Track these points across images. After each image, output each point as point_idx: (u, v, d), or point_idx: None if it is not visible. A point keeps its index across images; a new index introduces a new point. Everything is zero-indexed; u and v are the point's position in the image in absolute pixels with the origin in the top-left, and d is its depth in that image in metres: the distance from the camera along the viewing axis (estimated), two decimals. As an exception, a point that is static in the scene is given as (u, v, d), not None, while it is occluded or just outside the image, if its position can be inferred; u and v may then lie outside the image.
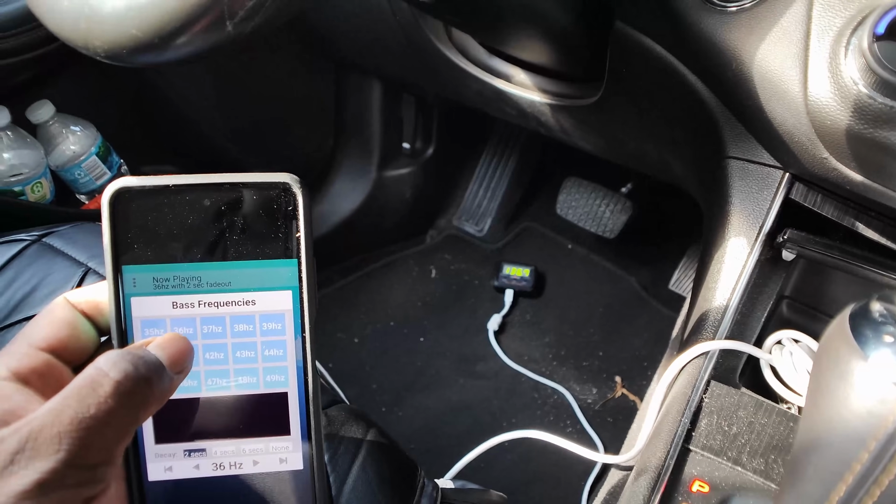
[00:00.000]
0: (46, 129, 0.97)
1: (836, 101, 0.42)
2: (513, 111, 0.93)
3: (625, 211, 1.20)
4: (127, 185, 0.30)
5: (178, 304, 0.31)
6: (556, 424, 1.11)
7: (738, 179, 0.57)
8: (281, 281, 0.31)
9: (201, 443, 0.32)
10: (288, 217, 0.31)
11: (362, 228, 1.36)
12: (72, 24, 0.39)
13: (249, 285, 0.31)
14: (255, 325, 0.31)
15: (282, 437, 0.32)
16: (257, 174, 0.30)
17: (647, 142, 0.78)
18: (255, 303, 0.31)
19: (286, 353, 0.32)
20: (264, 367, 0.32)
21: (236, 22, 0.33)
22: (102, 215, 0.30)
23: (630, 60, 0.64)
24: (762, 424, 0.49)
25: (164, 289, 0.31)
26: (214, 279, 0.31)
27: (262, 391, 0.32)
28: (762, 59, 0.46)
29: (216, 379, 0.32)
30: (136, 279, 0.30)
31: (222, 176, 0.30)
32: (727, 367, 0.56)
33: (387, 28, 0.95)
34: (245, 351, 0.31)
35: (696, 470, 0.47)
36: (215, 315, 0.31)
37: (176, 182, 0.30)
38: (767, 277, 0.58)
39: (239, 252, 0.31)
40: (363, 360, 1.20)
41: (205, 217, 0.30)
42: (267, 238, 0.31)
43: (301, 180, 0.31)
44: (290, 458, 0.32)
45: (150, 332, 0.31)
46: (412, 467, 0.54)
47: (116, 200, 0.30)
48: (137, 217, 0.30)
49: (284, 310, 0.31)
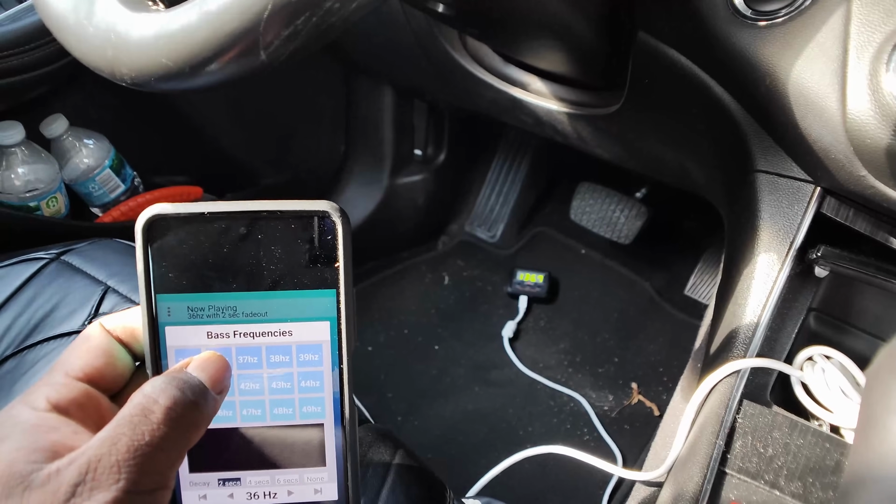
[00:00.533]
0: (60, 144, 0.97)
1: (877, 118, 0.42)
2: (529, 119, 0.92)
3: (640, 216, 1.19)
4: (161, 212, 0.29)
5: (214, 333, 0.30)
6: (573, 433, 1.10)
7: (768, 194, 0.56)
8: (319, 311, 0.31)
9: (236, 472, 0.31)
10: (326, 246, 0.30)
11: (374, 235, 1.35)
12: (98, 52, 0.39)
13: (286, 315, 0.31)
14: (292, 355, 0.31)
15: (317, 469, 0.32)
16: (295, 202, 0.30)
17: (667, 151, 0.77)
18: (292, 333, 0.31)
19: (323, 385, 0.31)
20: (300, 399, 0.31)
21: (270, 51, 0.33)
22: (136, 243, 0.29)
23: (653, 71, 0.63)
24: (798, 446, 0.48)
25: (198, 318, 0.30)
26: (250, 309, 0.30)
27: (298, 422, 0.31)
28: (798, 74, 0.45)
29: (251, 409, 0.31)
30: (170, 308, 0.30)
31: (259, 203, 0.30)
32: (757, 385, 0.55)
33: (401, 35, 0.94)
34: (281, 382, 0.31)
35: (734, 494, 0.46)
36: (251, 345, 0.31)
37: (211, 210, 0.29)
38: (797, 292, 0.57)
39: (276, 282, 0.30)
40: (377, 368, 1.20)
41: (241, 245, 0.30)
42: (304, 267, 0.30)
43: (341, 208, 0.30)
44: (324, 489, 0.32)
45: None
46: (441, 488, 0.53)
47: (150, 228, 0.29)
48: (172, 245, 0.30)
49: (322, 340, 0.31)
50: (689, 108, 0.64)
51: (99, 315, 0.64)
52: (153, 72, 0.36)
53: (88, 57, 0.40)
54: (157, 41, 0.35)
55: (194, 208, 0.29)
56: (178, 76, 0.36)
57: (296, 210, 0.30)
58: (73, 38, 0.40)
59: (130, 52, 0.37)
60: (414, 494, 0.50)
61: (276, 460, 0.32)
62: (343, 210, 0.30)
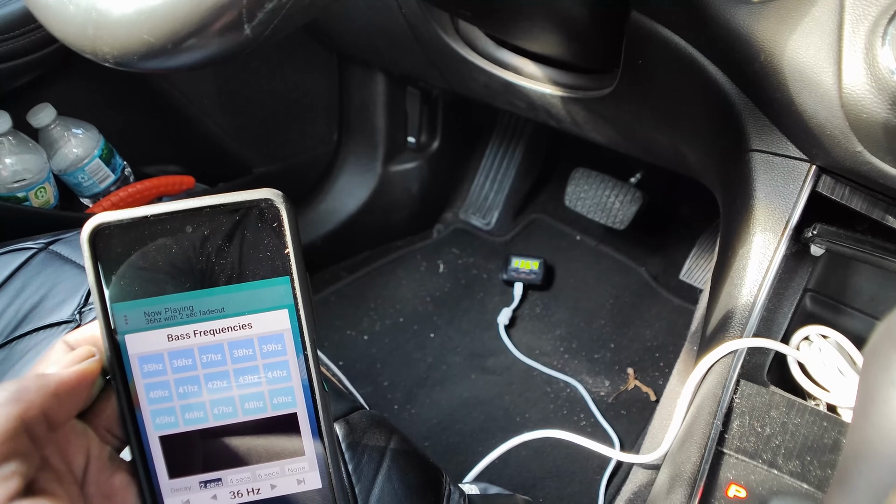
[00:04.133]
0: (48, 133, 0.95)
1: (873, 92, 0.41)
2: (522, 104, 0.91)
3: (634, 201, 1.19)
4: (104, 220, 0.29)
5: (174, 336, 0.30)
6: (570, 418, 1.10)
7: (763, 173, 0.56)
8: (275, 300, 0.30)
9: (216, 473, 0.31)
10: (274, 234, 0.30)
11: (368, 224, 1.35)
12: (79, 30, 0.38)
13: (244, 308, 0.30)
14: (255, 348, 0.31)
15: (297, 459, 0.32)
16: (237, 193, 0.29)
17: (661, 133, 0.76)
18: (252, 326, 0.30)
19: (290, 374, 0.31)
20: (269, 390, 0.31)
21: (254, 24, 0.32)
22: (84, 255, 0.29)
23: (647, 51, 0.62)
24: (795, 425, 0.48)
25: (157, 322, 0.30)
26: (207, 307, 0.30)
27: (271, 414, 0.31)
28: (793, 50, 0.45)
29: (222, 407, 0.31)
30: (127, 316, 0.30)
31: (201, 199, 0.29)
32: (754, 365, 0.54)
33: (392, 20, 0.93)
34: (248, 376, 0.31)
35: (732, 474, 0.46)
36: (213, 343, 0.30)
37: (154, 212, 0.29)
38: (793, 272, 0.57)
39: (229, 276, 0.30)
40: (374, 357, 1.19)
41: (189, 244, 0.30)
42: (255, 258, 0.30)
43: (284, 194, 0.30)
44: (307, 478, 0.32)
45: (148, 367, 0.30)
46: (437, 474, 0.53)
47: (96, 238, 0.29)
48: (120, 252, 0.29)
49: (283, 329, 0.31)
50: (683, 89, 0.63)
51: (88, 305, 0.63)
52: (135, 49, 0.35)
53: (70, 36, 0.39)
54: (139, 17, 0.34)
55: (137, 213, 0.29)
56: (161, 53, 0.35)
57: (238, 201, 0.29)
58: (53, 16, 0.39)
59: (112, 30, 0.36)
60: (410, 480, 0.50)
61: (254, 455, 0.31)
62: (286, 196, 0.30)
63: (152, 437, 0.31)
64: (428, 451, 1.06)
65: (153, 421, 0.31)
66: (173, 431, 0.31)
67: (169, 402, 0.31)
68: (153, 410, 0.31)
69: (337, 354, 1.19)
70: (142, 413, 0.31)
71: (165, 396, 0.31)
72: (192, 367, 0.31)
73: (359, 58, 1.21)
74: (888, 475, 0.31)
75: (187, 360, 0.30)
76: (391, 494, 0.48)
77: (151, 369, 0.30)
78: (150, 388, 0.31)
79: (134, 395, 0.31)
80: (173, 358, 0.30)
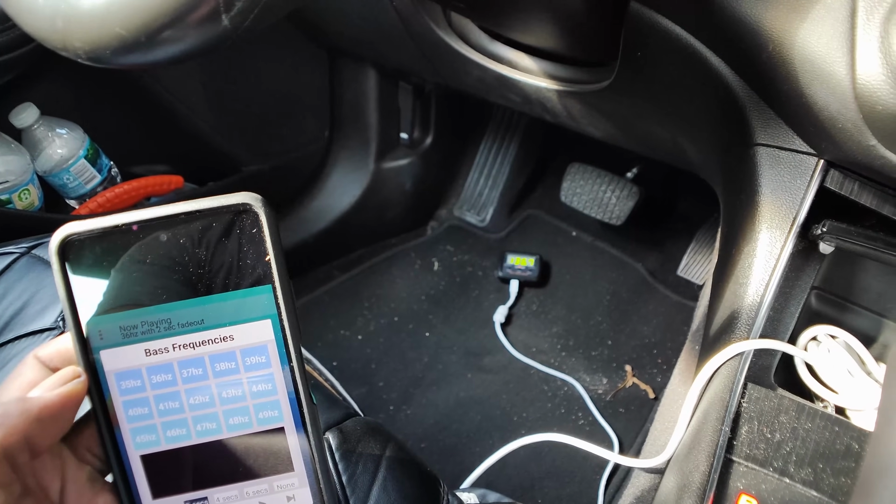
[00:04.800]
0: (31, 134, 0.93)
1: (889, 83, 0.39)
2: (517, 98, 0.89)
3: (631, 196, 1.17)
4: (73, 231, 0.27)
5: (152, 350, 0.29)
6: (568, 417, 1.09)
7: (769, 168, 0.54)
8: (257, 310, 0.29)
9: (201, 492, 0.30)
10: (254, 240, 0.28)
11: (362, 222, 1.32)
12: (48, 23, 0.36)
13: (224, 320, 0.29)
14: (238, 361, 0.29)
15: (286, 475, 0.30)
16: (214, 198, 0.28)
17: (661, 127, 0.74)
18: (234, 338, 0.29)
19: (275, 386, 0.29)
20: (254, 404, 0.30)
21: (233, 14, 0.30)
22: (53, 267, 0.27)
23: (646, 43, 0.60)
24: (806, 430, 0.46)
25: (133, 337, 0.28)
26: (186, 319, 0.28)
27: (257, 429, 0.30)
28: (804, 39, 0.43)
29: (205, 423, 0.29)
30: (102, 331, 0.28)
31: (175, 206, 0.28)
32: (761, 367, 0.53)
33: (383, 14, 0.90)
34: (231, 390, 0.29)
35: (742, 483, 0.44)
36: (193, 356, 0.29)
37: (126, 220, 0.27)
38: (800, 270, 0.55)
39: (207, 286, 0.28)
40: (368, 357, 1.17)
41: (164, 253, 0.28)
42: (235, 266, 0.28)
43: (262, 198, 0.28)
44: (297, 494, 0.30)
45: (126, 384, 0.29)
46: (434, 482, 0.51)
47: (65, 249, 0.27)
48: (91, 263, 0.28)
49: (266, 340, 0.29)
50: (684, 82, 0.61)
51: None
52: (107, 43, 0.33)
53: (39, 31, 0.37)
54: (110, 7, 0.32)
55: (107, 222, 0.27)
56: (135, 47, 0.33)
57: (214, 207, 0.28)
58: (21, 9, 0.37)
59: (82, 22, 0.34)
60: (407, 490, 0.48)
61: (241, 472, 0.30)
62: (265, 199, 0.28)
63: (133, 457, 0.29)
64: (425, 454, 1.05)
65: (133, 440, 0.29)
66: (155, 450, 0.30)
67: (149, 420, 0.29)
68: (133, 429, 0.29)
69: (331, 355, 1.17)
70: (121, 432, 0.29)
71: (145, 414, 0.29)
72: (172, 383, 0.29)
73: (350, 52, 1.19)
74: (913, 489, 0.30)
75: (167, 376, 0.29)
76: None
77: (129, 386, 0.29)
78: (128, 405, 0.29)
79: (112, 413, 0.29)
80: (152, 373, 0.29)
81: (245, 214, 0.28)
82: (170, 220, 0.28)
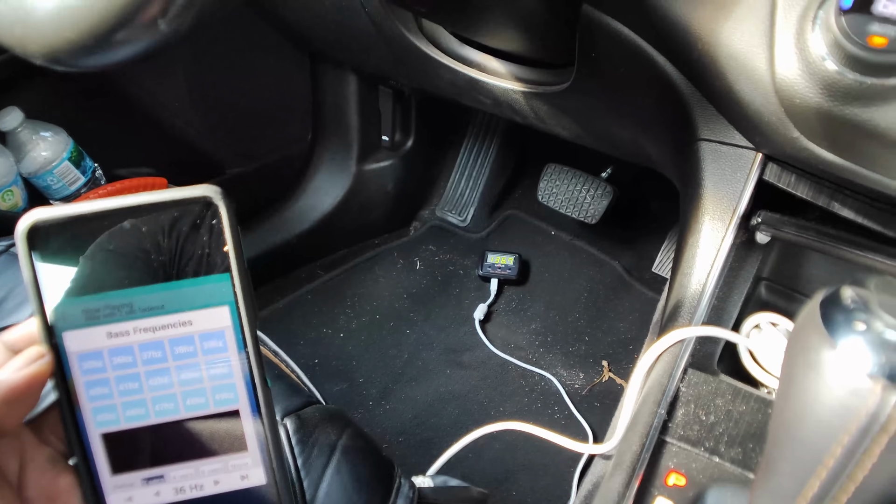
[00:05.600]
0: (16, 137, 0.95)
1: (805, 78, 0.41)
2: (487, 100, 0.91)
3: (605, 196, 1.19)
4: (40, 217, 0.28)
5: (113, 333, 0.30)
6: (545, 411, 1.11)
7: (711, 162, 0.56)
8: (215, 298, 0.30)
9: (159, 469, 0.31)
10: (213, 231, 0.30)
11: (344, 223, 1.35)
12: (7, 29, 0.38)
13: (184, 306, 0.30)
14: (196, 345, 0.30)
15: (240, 454, 0.31)
16: (176, 190, 0.29)
17: (620, 126, 0.77)
18: (193, 323, 0.30)
19: (232, 370, 0.31)
20: (211, 387, 0.31)
21: (169, 19, 0.32)
22: (19, 251, 0.28)
23: (598, 44, 0.63)
24: (740, 412, 0.48)
25: (96, 319, 0.30)
26: (147, 304, 0.30)
27: (213, 410, 0.31)
28: (728, 37, 0.45)
29: (164, 404, 0.31)
30: (65, 314, 0.29)
31: (139, 196, 0.29)
32: (705, 354, 0.55)
33: (357, 20, 0.93)
34: (189, 372, 0.31)
35: (673, 462, 0.46)
36: (153, 340, 0.30)
37: (91, 209, 0.29)
38: (743, 260, 0.57)
39: (168, 273, 0.30)
40: (350, 354, 1.19)
41: (127, 241, 0.29)
42: (194, 255, 0.30)
43: (222, 191, 0.29)
44: (251, 473, 0.32)
45: (87, 365, 0.30)
46: (388, 467, 0.53)
47: (32, 234, 0.29)
48: (56, 249, 0.29)
49: (223, 326, 0.30)
50: (636, 81, 0.64)
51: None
52: (59, 47, 0.35)
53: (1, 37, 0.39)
54: (60, 14, 0.34)
55: (74, 209, 0.29)
56: (84, 51, 0.35)
57: (176, 199, 0.29)
58: (-17, 16, 0.39)
59: (37, 28, 0.36)
60: (360, 473, 0.50)
61: (197, 452, 0.31)
62: (225, 192, 0.29)
63: (93, 435, 0.31)
64: (402, 447, 1.07)
65: (94, 418, 0.30)
66: (115, 429, 0.31)
67: (109, 400, 0.31)
68: (94, 408, 0.30)
69: (313, 352, 1.19)
70: (82, 411, 0.30)
71: (106, 394, 0.30)
72: (132, 365, 0.30)
73: (330, 57, 1.21)
74: (809, 459, 0.32)
75: (127, 358, 0.30)
76: (340, 488, 0.48)
77: (91, 366, 0.30)
78: (90, 385, 0.30)
79: (73, 393, 0.30)
80: (113, 355, 0.30)
81: (206, 206, 0.29)
82: (134, 209, 0.29)
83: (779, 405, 0.33)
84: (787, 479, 0.33)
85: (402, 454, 1.05)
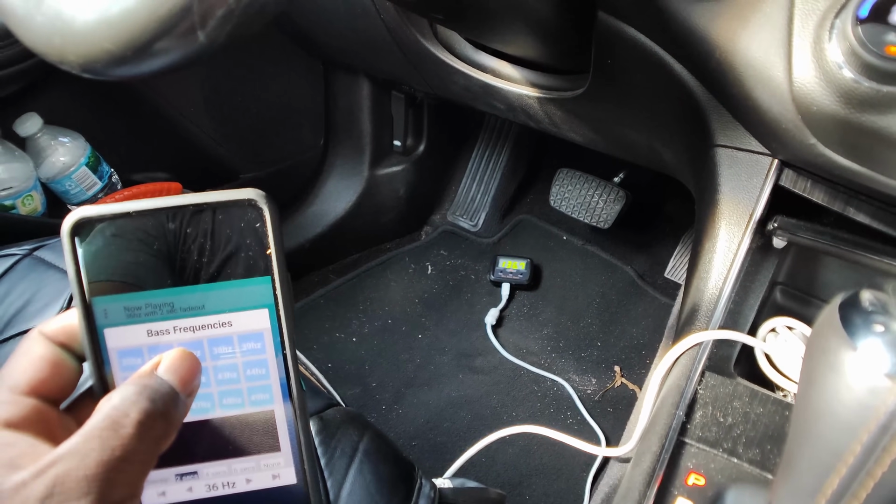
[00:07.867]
0: (35, 142, 0.97)
1: (821, 86, 0.42)
2: (501, 105, 0.92)
3: (618, 200, 1.20)
4: (86, 214, 0.29)
5: (153, 331, 0.30)
6: (557, 416, 1.11)
7: (727, 168, 0.57)
8: (256, 300, 0.31)
9: (192, 466, 0.31)
10: (256, 234, 0.30)
11: (357, 227, 1.36)
12: (46, 39, 0.39)
13: (224, 307, 0.30)
14: (235, 346, 0.31)
15: (272, 454, 0.32)
16: (221, 192, 0.30)
17: (635, 132, 0.77)
18: (232, 324, 0.31)
19: (269, 372, 0.31)
20: (248, 388, 0.31)
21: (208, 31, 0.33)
22: (64, 247, 0.29)
23: (615, 51, 0.64)
24: (757, 414, 0.49)
25: (137, 317, 0.30)
26: (187, 304, 0.30)
27: (248, 411, 0.32)
28: (746, 45, 0.46)
29: (201, 402, 0.31)
30: (107, 310, 0.30)
31: (184, 197, 0.29)
32: (722, 357, 0.55)
33: (372, 27, 0.94)
34: (227, 373, 0.31)
35: (692, 463, 0.47)
36: (192, 340, 0.31)
37: (136, 208, 0.29)
38: (759, 265, 0.58)
39: (210, 274, 0.30)
40: (362, 358, 1.20)
41: (170, 241, 0.30)
42: (237, 257, 0.30)
43: (267, 195, 0.30)
44: (282, 473, 0.32)
45: (126, 361, 0.30)
46: (409, 468, 0.54)
47: (77, 231, 0.29)
48: (100, 246, 0.29)
49: (262, 328, 0.31)
50: (652, 87, 0.65)
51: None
52: (98, 58, 0.36)
53: (38, 46, 0.40)
54: (99, 26, 0.35)
55: (119, 208, 0.29)
56: (122, 61, 0.36)
57: (221, 200, 0.30)
58: (22, 27, 0.40)
59: (76, 39, 0.37)
60: (382, 473, 0.51)
61: (230, 450, 0.32)
62: (269, 196, 0.30)
63: None
64: (416, 451, 1.08)
65: None
66: None
67: None
68: None
69: (326, 356, 1.20)
70: None
71: None
72: None
73: (343, 63, 1.23)
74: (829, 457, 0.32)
75: None
76: (363, 488, 0.49)
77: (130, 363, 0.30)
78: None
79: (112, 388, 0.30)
80: (152, 353, 0.30)
81: (250, 208, 0.30)
82: (179, 209, 0.29)
83: (799, 405, 0.34)
84: (808, 476, 0.33)
85: (416, 458, 1.05)
